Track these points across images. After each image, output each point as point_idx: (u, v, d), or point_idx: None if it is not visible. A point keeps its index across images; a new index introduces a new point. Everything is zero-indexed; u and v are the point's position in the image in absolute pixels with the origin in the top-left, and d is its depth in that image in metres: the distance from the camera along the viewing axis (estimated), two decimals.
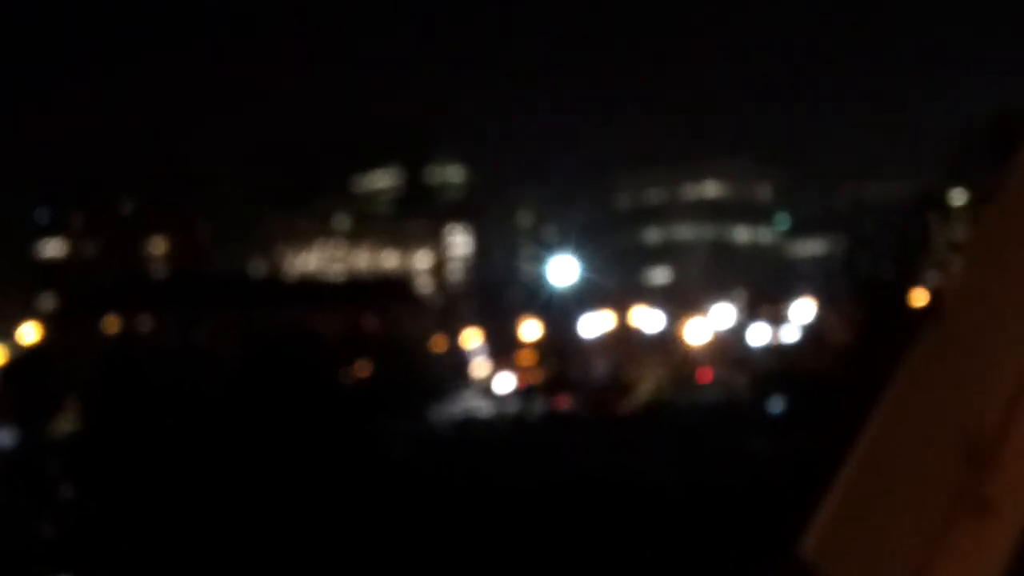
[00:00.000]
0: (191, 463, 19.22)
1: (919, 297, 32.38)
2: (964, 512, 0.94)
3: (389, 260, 68.95)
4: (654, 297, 53.71)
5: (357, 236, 70.58)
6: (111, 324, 42.42)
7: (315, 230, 69.66)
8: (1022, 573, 0.94)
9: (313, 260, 68.09)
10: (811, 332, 37.42)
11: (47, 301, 52.96)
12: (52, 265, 60.95)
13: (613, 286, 47.90)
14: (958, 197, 42.14)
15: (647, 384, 38.88)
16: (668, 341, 43.19)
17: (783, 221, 69.59)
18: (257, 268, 63.16)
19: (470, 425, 32.08)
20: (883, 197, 49.56)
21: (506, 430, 31.38)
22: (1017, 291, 0.98)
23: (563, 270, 40.77)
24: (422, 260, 68.96)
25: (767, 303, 44.39)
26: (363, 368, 32.92)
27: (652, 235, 72.78)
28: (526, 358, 44.27)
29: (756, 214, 71.29)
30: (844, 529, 0.96)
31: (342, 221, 71.12)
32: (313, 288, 50.86)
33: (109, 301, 43.51)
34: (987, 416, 0.96)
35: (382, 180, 74.94)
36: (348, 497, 18.16)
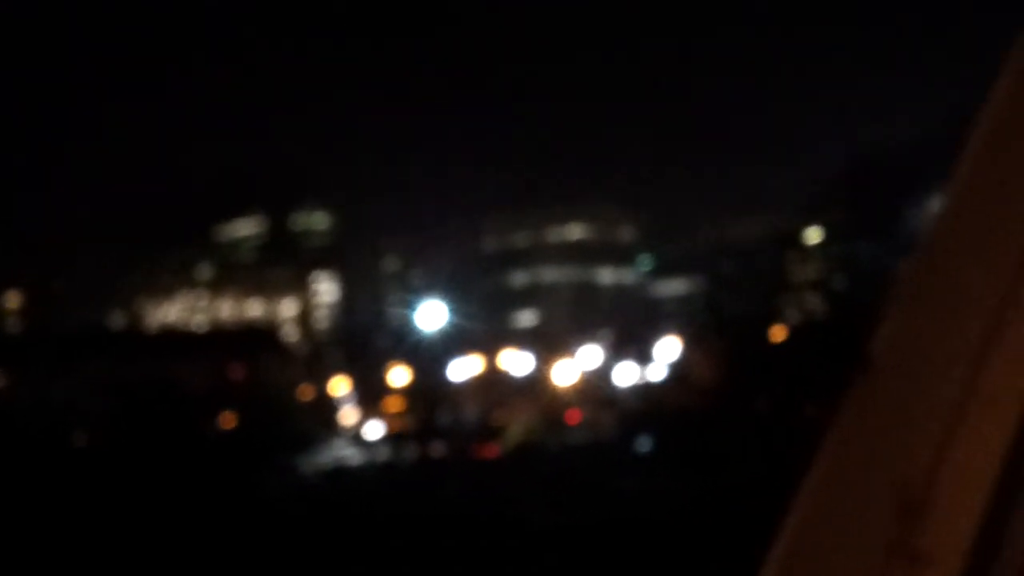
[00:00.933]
0: (52, 519, 18.53)
1: (779, 333, 33.30)
2: (898, 565, 0.94)
3: (254, 309, 67.92)
4: (522, 340, 53.98)
5: (220, 285, 69.40)
6: None
7: (177, 280, 68.25)
8: None
9: (175, 311, 66.68)
10: (676, 370, 38.06)
11: None
12: None
13: (481, 330, 48.00)
14: (813, 236, 43.58)
15: (517, 427, 38.98)
16: (537, 383, 43.41)
17: (646, 262, 70.82)
18: (117, 321, 61.54)
19: (340, 474, 31.70)
20: (742, 237, 50.88)
21: (377, 477, 31.08)
22: (940, 342, 0.99)
23: (431, 315, 40.73)
24: (288, 308, 68.10)
25: (633, 343, 45.01)
26: (229, 419, 32.28)
27: (519, 278, 73.30)
28: (396, 404, 44.01)
29: (620, 256, 72.43)
30: None
31: (204, 270, 69.87)
32: (176, 339, 49.76)
33: None
34: (917, 466, 0.96)
35: (245, 228, 73.96)
36: (214, 551, 17.71)
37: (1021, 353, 1.00)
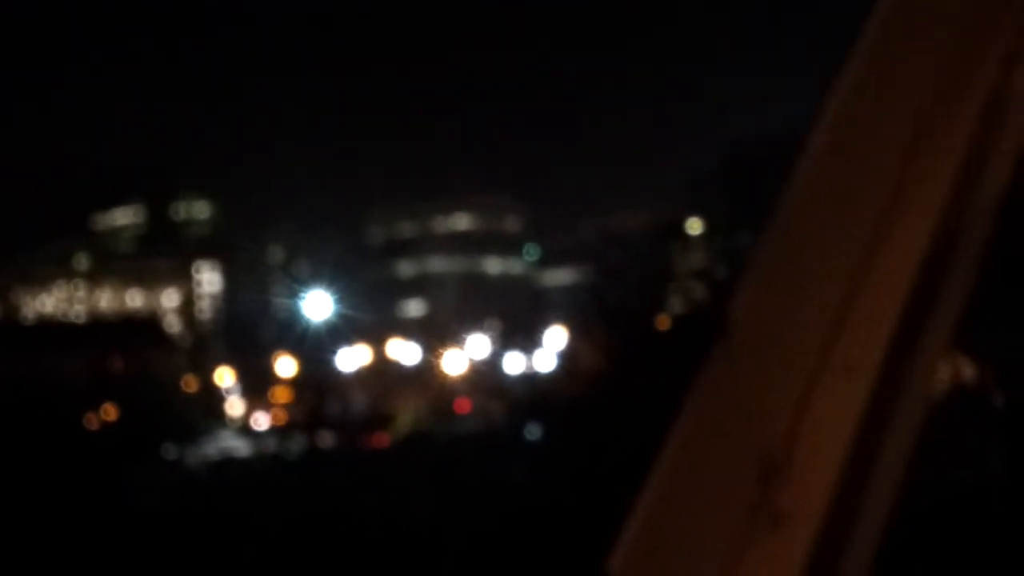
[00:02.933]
0: None
1: (663, 322, 33.78)
2: (760, 525, 0.98)
3: (134, 300, 66.53)
4: (410, 329, 53.85)
5: (99, 276, 67.82)
6: None
7: (52, 271, 66.49)
8: None
9: (51, 303, 64.98)
10: (564, 359, 38.35)
11: None
12: None
13: (369, 320, 47.74)
14: (695, 226, 44.27)
15: (406, 416, 38.90)
16: (426, 373, 43.34)
17: (532, 252, 71.19)
18: None
19: (226, 465, 31.29)
20: (627, 228, 51.43)
21: (264, 469, 30.75)
22: (796, 310, 1.04)
23: (317, 305, 40.33)
24: (169, 299, 66.87)
25: (521, 332, 45.25)
26: (110, 412, 31.60)
27: (406, 268, 73.07)
28: (283, 395, 43.54)
29: (506, 246, 72.68)
30: (648, 549, 0.98)
31: (82, 261, 68.20)
32: (54, 331, 48.47)
33: None
34: (776, 430, 1.00)
35: (124, 217, 72.36)
36: (91, 548, 17.31)
37: (874, 321, 1.05)
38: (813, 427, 1.02)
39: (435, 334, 48.82)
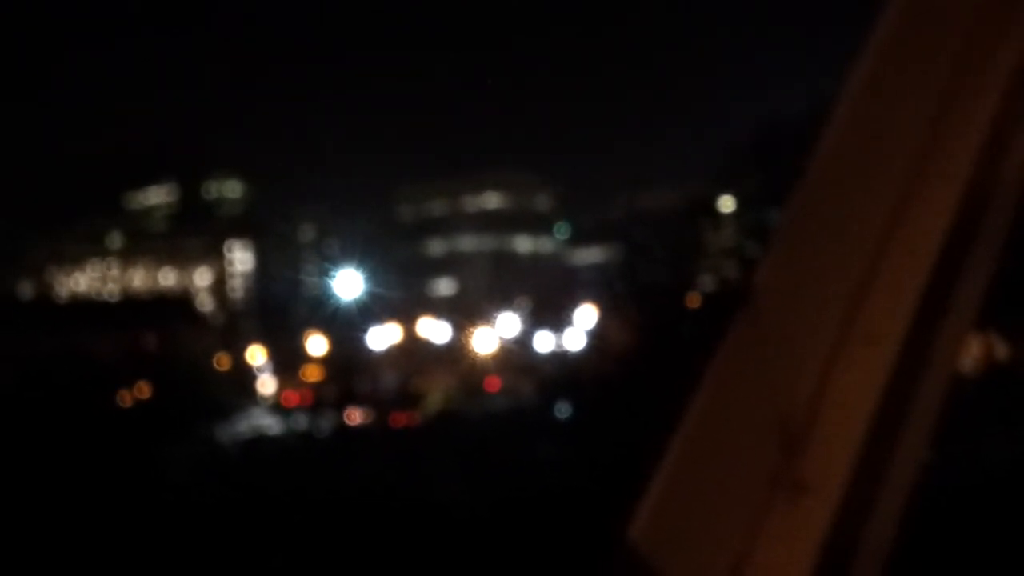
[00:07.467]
0: None
1: (694, 300, 33.69)
2: (780, 495, 0.98)
3: (167, 278, 66.98)
4: (440, 308, 53.98)
5: (132, 254, 68.31)
6: None
7: (86, 250, 67.00)
8: (836, 550, 0.99)
9: (85, 281, 65.51)
10: (594, 337, 38.32)
11: None
12: None
13: (399, 298, 47.90)
14: (726, 204, 44.04)
15: (436, 395, 39.03)
16: (456, 351, 43.43)
17: (563, 230, 71.11)
18: (24, 292, 60.24)
19: (258, 443, 31.52)
20: (656, 206, 51.27)
21: (295, 446, 30.96)
22: (820, 280, 1.03)
23: (347, 284, 40.46)
24: (202, 277, 67.27)
25: (551, 311, 45.23)
26: (143, 390, 31.88)
27: (435, 247, 73.16)
28: (314, 373, 43.80)
29: (537, 224, 72.64)
30: (668, 517, 0.99)
31: (116, 239, 68.69)
32: (86, 309, 48.85)
33: None
34: (798, 401, 1.00)
35: (156, 196, 72.79)
36: (123, 523, 17.49)
37: (899, 293, 1.05)
38: (835, 398, 1.02)
39: (465, 312, 48.89)
